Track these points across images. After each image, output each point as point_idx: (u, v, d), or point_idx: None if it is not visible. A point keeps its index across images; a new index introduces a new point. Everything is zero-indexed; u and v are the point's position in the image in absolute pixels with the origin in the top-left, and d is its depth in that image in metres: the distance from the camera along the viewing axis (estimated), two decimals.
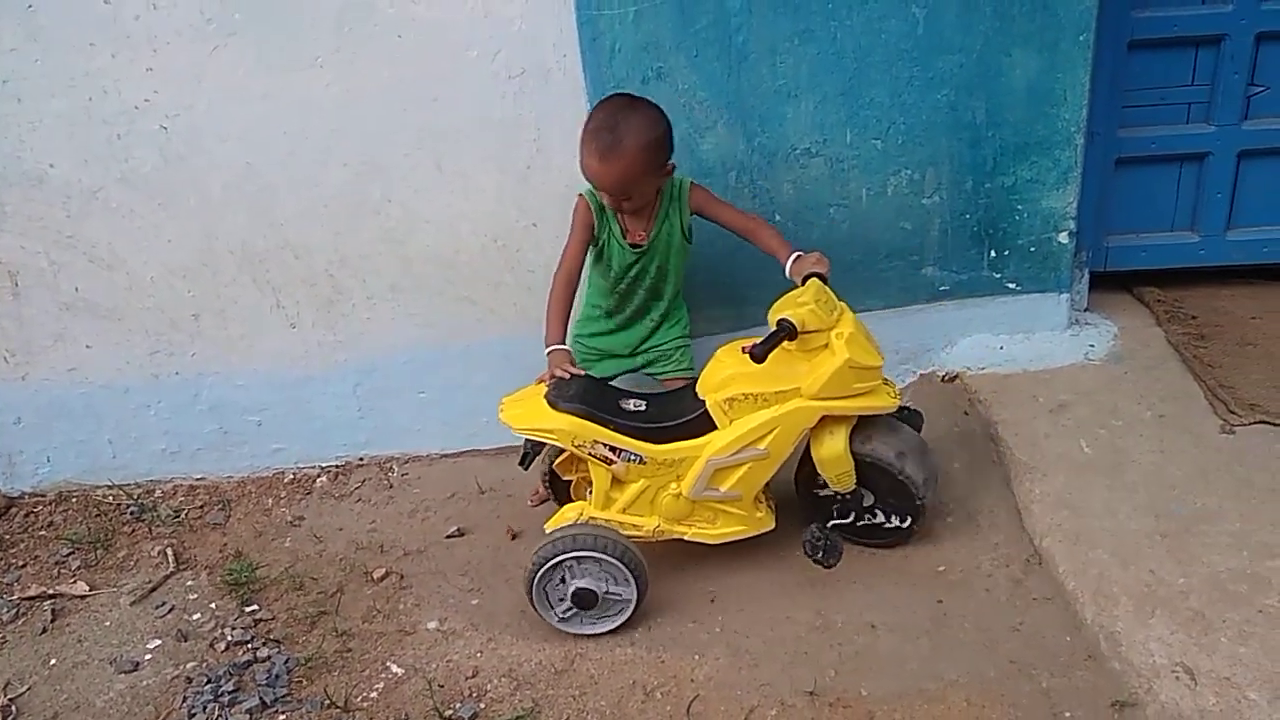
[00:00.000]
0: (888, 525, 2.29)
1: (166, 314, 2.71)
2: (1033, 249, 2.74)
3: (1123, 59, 2.75)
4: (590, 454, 2.18)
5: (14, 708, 2.16)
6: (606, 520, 2.23)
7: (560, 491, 2.46)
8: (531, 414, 2.19)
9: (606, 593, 2.14)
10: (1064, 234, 2.72)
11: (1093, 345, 2.82)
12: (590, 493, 2.29)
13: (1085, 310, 2.95)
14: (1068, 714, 1.89)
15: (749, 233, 2.41)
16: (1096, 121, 2.71)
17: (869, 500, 2.29)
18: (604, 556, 2.10)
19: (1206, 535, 2.16)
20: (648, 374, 2.54)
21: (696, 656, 2.12)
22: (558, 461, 2.38)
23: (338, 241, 2.66)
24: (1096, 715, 1.88)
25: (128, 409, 2.81)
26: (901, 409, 2.28)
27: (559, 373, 2.24)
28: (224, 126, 2.52)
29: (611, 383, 2.38)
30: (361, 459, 2.91)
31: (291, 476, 2.88)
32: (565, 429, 2.15)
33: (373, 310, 2.74)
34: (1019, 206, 2.69)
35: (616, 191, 2.27)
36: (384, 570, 2.48)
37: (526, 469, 2.35)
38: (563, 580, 2.15)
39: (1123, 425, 2.52)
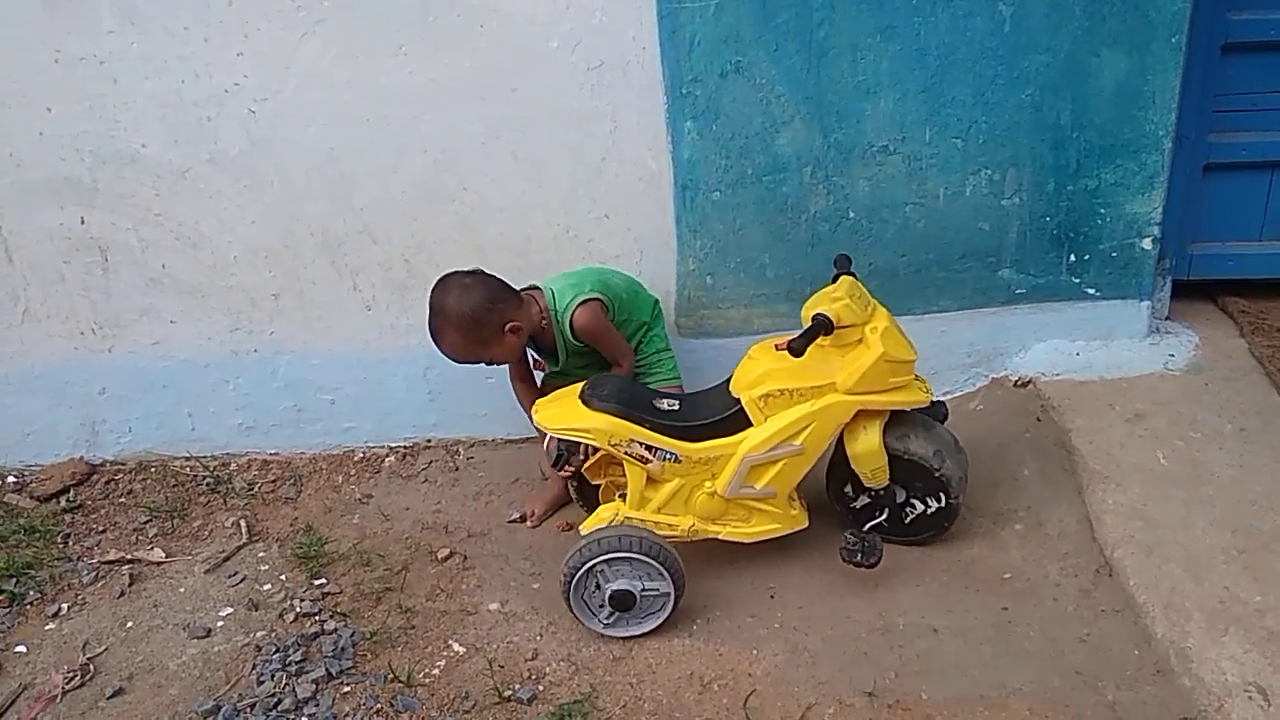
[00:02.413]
0: (929, 511, 2.28)
1: (248, 293, 2.79)
2: (1114, 254, 2.68)
3: (1215, 62, 2.67)
4: (626, 453, 2.18)
5: (92, 667, 2.24)
6: (641, 520, 2.23)
7: (589, 495, 2.47)
8: (566, 414, 2.20)
9: (643, 590, 2.12)
10: (1147, 240, 2.66)
11: (1173, 355, 2.75)
12: (620, 496, 2.31)
13: (1166, 319, 2.88)
14: None
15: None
16: (1185, 126, 2.64)
17: (902, 496, 2.29)
18: (633, 555, 2.09)
19: None
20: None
21: (754, 651, 2.12)
22: (586, 465, 2.38)
23: (414, 227, 2.71)
24: None
25: (207, 384, 2.89)
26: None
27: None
28: (309, 112, 2.58)
29: None
30: (429, 441, 2.96)
31: (361, 455, 2.94)
32: (601, 428, 2.15)
33: None
34: (1102, 210, 2.63)
35: (465, 363, 2.39)
36: (448, 550, 2.52)
37: (560, 470, 2.38)
38: (598, 586, 2.13)
39: (1201, 437, 2.46)
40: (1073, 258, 2.69)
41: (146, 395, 2.90)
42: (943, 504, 2.27)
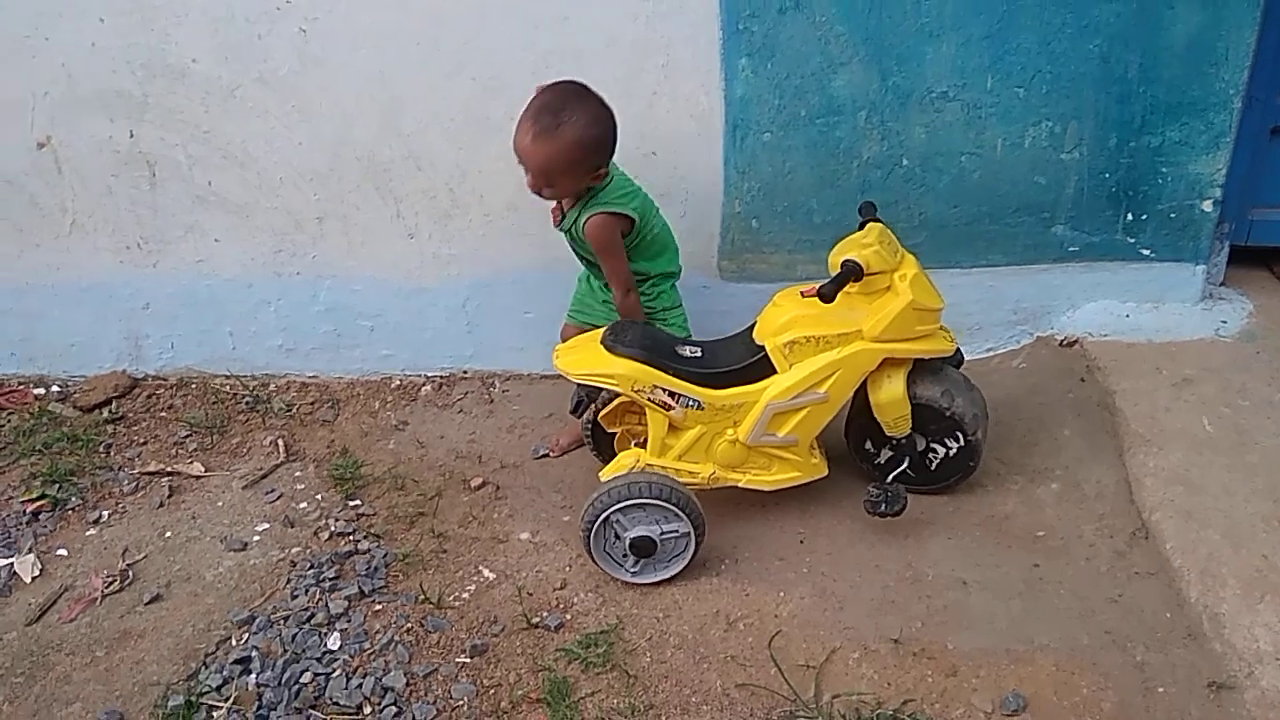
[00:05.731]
0: (951, 454, 2.27)
1: (292, 215, 2.79)
2: (1173, 215, 2.61)
3: None
4: (649, 399, 2.16)
5: (130, 573, 2.29)
6: (663, 467, 2.21)
7: (603, 444, 2.45)
8: (589, 359, 2.17)
9: (663, 534, 2.11)
10: (1208, 202, 2.59)
11: (1225, 321, 2.69)
12: (636, 444, 2.30)
13: (1221, 284, 2.82)
14: (1160, 689, 1.85)
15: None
16: (1257, 86, 2.55)
17: (923, 443, 2.28)
18: (646, 500, 2.07)
19: None
20: None
21: (781, 593, 2.13)
22: (603, 414, 2.37)
23: (460, 156, 2.68)
24: (1191, 694, 1.83)
25: (249, 304, 2.91)
26: None
27: None
28: (360, 33, 2.55)
29: None
30: (466, 372, 2.97)
31: (399, 382, 2.96)
32: (625, 373, 2.13)
33: (488, 227, 2.77)
34: (1163, 169, 2.56)
35: (538, 176, 2.21)
36: (481, 480, 2.54)
37: (580, 416, 2.36)
38: (617, 536, 2.12)
39: (1249, 406, 2.41)
40: (1130, 217, 2.63)
41: (189, 312, 2.93)
42: (961, 443, 2.25)
